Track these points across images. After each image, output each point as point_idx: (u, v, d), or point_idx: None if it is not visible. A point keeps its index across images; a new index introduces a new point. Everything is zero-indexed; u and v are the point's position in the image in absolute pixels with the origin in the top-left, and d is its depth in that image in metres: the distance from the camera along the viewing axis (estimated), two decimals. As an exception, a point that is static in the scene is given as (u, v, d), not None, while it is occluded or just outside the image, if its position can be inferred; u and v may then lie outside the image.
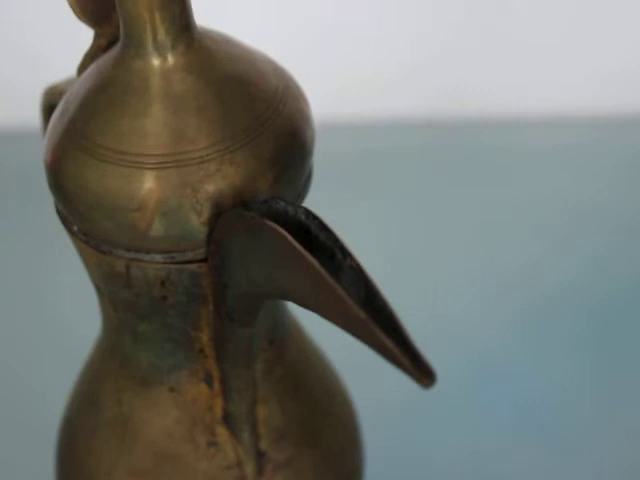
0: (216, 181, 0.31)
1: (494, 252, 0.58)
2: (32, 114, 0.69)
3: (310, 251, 0.29)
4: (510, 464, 0.47)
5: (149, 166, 0.31)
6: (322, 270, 0.26)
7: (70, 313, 0.55)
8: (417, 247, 0.59)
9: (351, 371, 0.51)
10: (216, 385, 0.35)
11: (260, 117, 0.31)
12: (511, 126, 0.68)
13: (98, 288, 0.35)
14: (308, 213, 0.29)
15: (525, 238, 0.59)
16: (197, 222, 0.31)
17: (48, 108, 0.38)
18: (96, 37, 0.34)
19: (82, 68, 0.35)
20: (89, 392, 0.38)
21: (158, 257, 0.32)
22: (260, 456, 0.36)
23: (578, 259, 0.57)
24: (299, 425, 0.37)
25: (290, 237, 0.28)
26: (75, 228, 0.33)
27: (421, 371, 0.24)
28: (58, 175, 0.32)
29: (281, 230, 0.28)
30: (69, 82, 0.37)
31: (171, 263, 0.32)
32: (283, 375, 0.37)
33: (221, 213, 0.31)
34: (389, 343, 0.25)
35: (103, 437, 0.37)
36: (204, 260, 0.32)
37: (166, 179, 0.31)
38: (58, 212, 0.34)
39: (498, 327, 0.53)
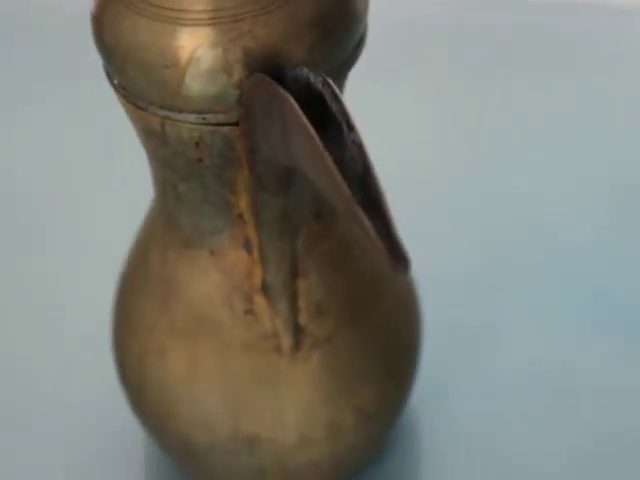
0: (247, 41, 0.30)
1: (585, 147, 0.55)
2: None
3: (323, 122, 0.28)
4: (586, 362, 0.45)
5: (182, 22, 0.30)
6: (317, 140, 0.25)
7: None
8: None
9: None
10: (255, 252, 0.35)
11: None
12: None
13: (144, 145, 0.34)
14: (325, 82, 0.28)
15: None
16: (228, 83, 0.30)
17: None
18: None
19: None
20: (142, 248, 0.38)
21: (191, 117, 0.31)
22: (298, 330, 0.36)
23: None
24: (342, 302, 0.36)
25: (295, 105, 0.26)
26: (115, 82, 0.32)
27: (394, 256, 0.23)
28: (99, 25, 0.32)
29: (289, 97, 0.27)
30: None
31: (203, 124, 0.31)
32: (328, 249, 0.36)
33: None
34: (367, 223, 0.23)
35: (149, 293, 0.37)
36: (236, 124, 0.31)
37: (198, 37, 0.30)
38: (104, 67, 0.33)
39: (579, 222, 0.51)
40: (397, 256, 0.23)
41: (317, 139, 0.25)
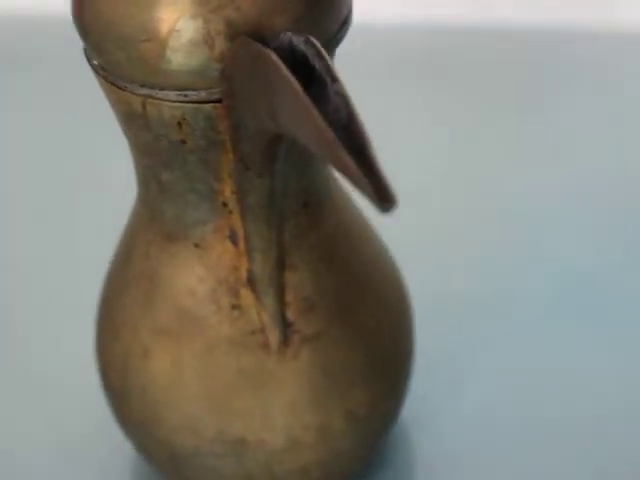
0: (229, 13, 0.29)
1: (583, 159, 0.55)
2: None
3: (307, 80, 0.27)
4: (585, 376, 0.44)
5: (162, -6, 0.29)
6: (300, 90, 0.24)
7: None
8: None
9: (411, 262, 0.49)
10: (241, 244, 0.34)
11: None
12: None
13: (125, 133, 0.34)
14: (308, 41, 0.27)
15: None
16: (210, 56, 0.29)
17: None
18: None
19: None
20: (125, 247, 0.37)
21: (172, 94, 0.30)
22: (286, 325, 0.35)
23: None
24: (332, 298, 0.35)
25: (278, 60, 0.26)
26: (95, 62, 0.32)
27: (381, 195, 0.22)
28: (78, 2, 0.31)
29: (272, 54, 0.26)
30: None
31: (185, 102, 0.31)
32: (317, 242, 0.35)
33: (234, 48, 0.29)
34: (352, 164, 0.22)
35: (132, 293, 0.36)
36: (219, 101, 0.30)
37: (177, 8, 0.29)
38: (84, 49, 0.33)
39: (582, 237, 0.50)
40: (385, 195, 0.22)
41: (300, 90, 0.24)
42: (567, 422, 0.42)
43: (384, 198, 0.22)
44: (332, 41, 0.31)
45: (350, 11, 0.32)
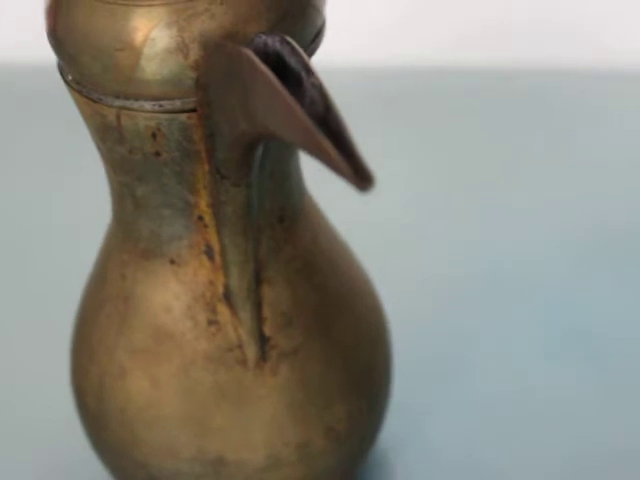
0: (204, 21, 0.29)
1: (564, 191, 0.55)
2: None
3: (282, 78, 0.27)
4: (556, 391, 0.44)
5: (136, 3, 0.30)
6: (276, 81, 0.25)
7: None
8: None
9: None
10: (217, 258, 0.34)
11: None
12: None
13: (99, 149, 0.34)
14: (283, 40, 0.27)
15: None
16: (184, 64, 0.30)
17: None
18: None
19: None
20: (99, 268, 0.37)
21: (147, 105, 0.31)
22: (264, 341, 0.35)
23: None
24: (309, 313, 0.35)
25: (254, 56, 0.26)
26: (69, 77, 0.32)
27: (361, 176, 0.22)
28: (53, 16, 0.31)
29: (250, 54, 0.26)
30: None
31: (160, 112, 0.31)
32: (293, 257, 0.35)
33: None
34: (331, 148, 0.23)
35: (106, 313, 0.36)
36: (193, 110, 0.31)
37: (152, 17, 0.30)
38: (58, 66, 0.33)
39: (554, 259, 0.50)
40: (363, 175, 0.22)
41: (276, 81, 0.24)
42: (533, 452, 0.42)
43: (364, 178, 0.22)
44: (306, 51, 0.31)
45: (324, 23, 0.32)
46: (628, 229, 0.53)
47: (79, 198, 0.57)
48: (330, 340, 0.36)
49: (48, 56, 0.66)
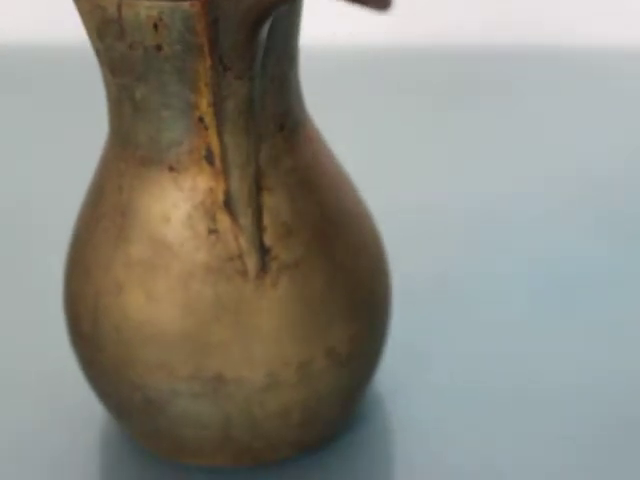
0: None
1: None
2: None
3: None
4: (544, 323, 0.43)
5: None
6: None
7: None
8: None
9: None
10: (217, 163, 0.33)
11: None
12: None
13: (97, 53, 0.33)
14: None
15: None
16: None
17: None
18: None
19: None
20: (95, 186, 0.36)
21: (148, -8, 0.30)
22: (264, 251, 0.34)
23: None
24: (309, 227, 0.35)
25: None
26: (69, -30, 0.32)
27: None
28: None
29: None
30: None
31: (162, -1, 0.30)
32: (293, 168, 0.35)
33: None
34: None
35: (102, 229, 0.35)
36: (196, -4, 0.30)
37: None
38: None
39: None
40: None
41: None
42: (535, 390, 0.41)
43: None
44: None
45: None
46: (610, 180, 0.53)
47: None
48: (330, 258, 0.35)
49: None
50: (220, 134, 0.33)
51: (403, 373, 0.42)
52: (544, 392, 0.41)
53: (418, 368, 0.42)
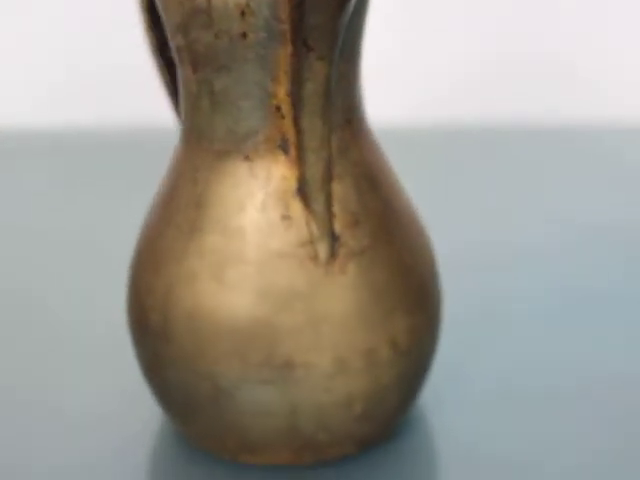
0: None
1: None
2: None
3: None
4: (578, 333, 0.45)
5: None
6: None
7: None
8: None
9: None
10: (292, 151, 0.35)
11: None
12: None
13: (178, 51, 0.35)
14: None
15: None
16: None
17: None
18: None
19: None
20: (167, 185, 0.37)
21: (238, -20, 0.33)
22: (334, 238, 0.35)
23: None
24: (374, 218, 0.36)
25: None
26: (160, -34, 0.34)
27: None
28: None
29: None
30: None
31: (251, -13, 0.33)
32: (359, 161, 0.36)
33: None
34: None
35: (178, 224, 0.36)
36: (284, -17, 0.33)
37: None
38: None
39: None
40: None
41: None
42: (580, 407, 0.42)
43: None
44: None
45: None
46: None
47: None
48: (393, 250, 0.37)
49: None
50: (296, 120, 0.35)
51: (446, 388, 0.43)
52: (587, 408, 0.42)
53: (460, 383, 0.43)
